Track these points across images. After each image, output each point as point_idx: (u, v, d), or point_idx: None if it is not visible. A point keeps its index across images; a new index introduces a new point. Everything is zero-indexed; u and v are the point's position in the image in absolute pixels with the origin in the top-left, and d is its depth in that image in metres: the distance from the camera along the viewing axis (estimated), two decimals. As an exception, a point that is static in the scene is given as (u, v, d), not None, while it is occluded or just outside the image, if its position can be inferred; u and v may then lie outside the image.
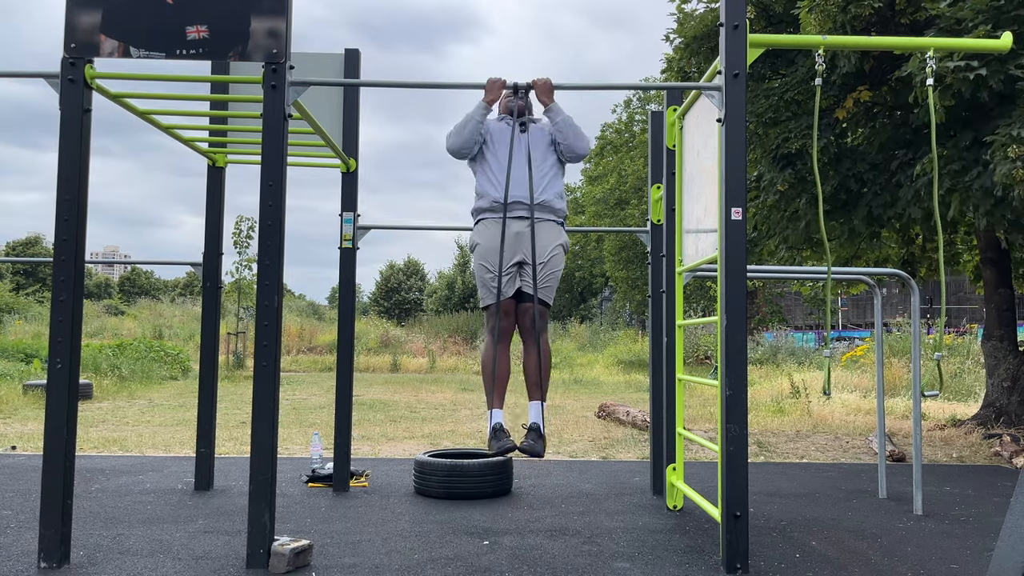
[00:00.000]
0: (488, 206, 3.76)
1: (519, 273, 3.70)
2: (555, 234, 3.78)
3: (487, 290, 3.68)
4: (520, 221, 3.72)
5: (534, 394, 3.66)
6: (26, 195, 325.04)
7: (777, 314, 27.81)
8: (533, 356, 3.67)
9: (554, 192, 3.80)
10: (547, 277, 3.70)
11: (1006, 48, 3.88)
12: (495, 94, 3.82)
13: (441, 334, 27.14)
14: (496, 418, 3.61)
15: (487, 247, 3.70)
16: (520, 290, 3.70)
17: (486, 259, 3.69)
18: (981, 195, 6.57)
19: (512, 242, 3.68)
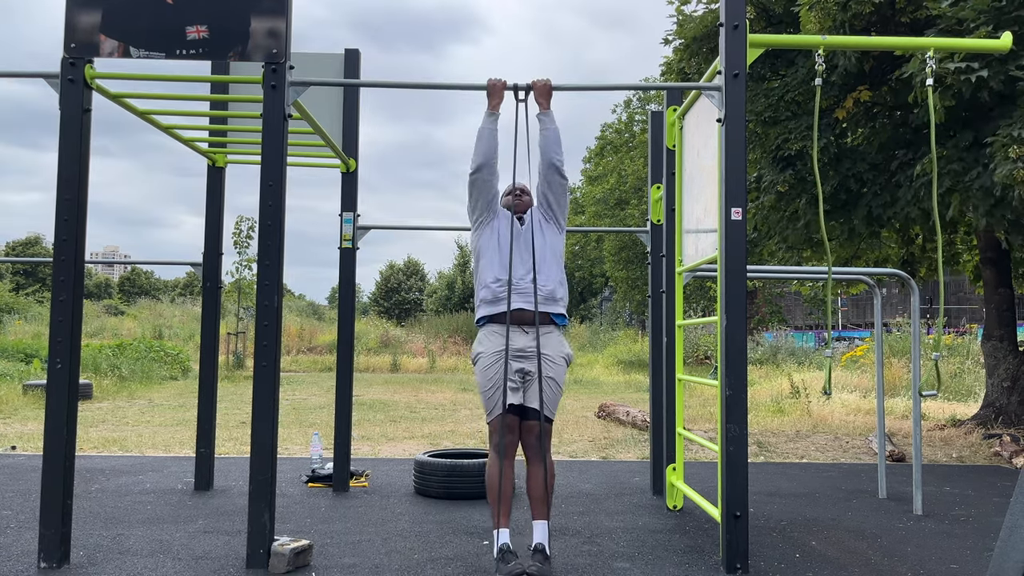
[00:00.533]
0: (491, 298, 3.68)
1: (523, 385, 3.64)
2: (559, 345, 3.72)
3: (491, 404, 3.62)
4: (524, 336, 3.65)
5: (539, 513, 3.59)
6: (26, 195, 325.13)
7: (777, 314, 27.81)
8: (538, 474, 3.59)
9: (556, 280, 3.74)
10: (553, 392, 3.65)
11: (1006, 48, 3.88)
12: (497, 97, 3.79)
13: (441, 334, 27.14)
14: (503, 538, 3.52)
15: (489, 360, 3.64)
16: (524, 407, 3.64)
17: (489, 373, 3.63)
18: (981, 195, 6.57)
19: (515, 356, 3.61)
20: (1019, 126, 5.99)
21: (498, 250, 3.71)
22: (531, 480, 3.62)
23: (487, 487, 3.63)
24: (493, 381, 3.61)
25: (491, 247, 3.74)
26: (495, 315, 3.68)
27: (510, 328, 3.61)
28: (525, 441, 3.65)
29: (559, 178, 3.75)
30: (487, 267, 3.72)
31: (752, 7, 8.51)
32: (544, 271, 3.70)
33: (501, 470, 3.55)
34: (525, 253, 3.70)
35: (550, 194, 3.76)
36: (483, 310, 3.72)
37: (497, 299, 3.66)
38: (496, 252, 3.71)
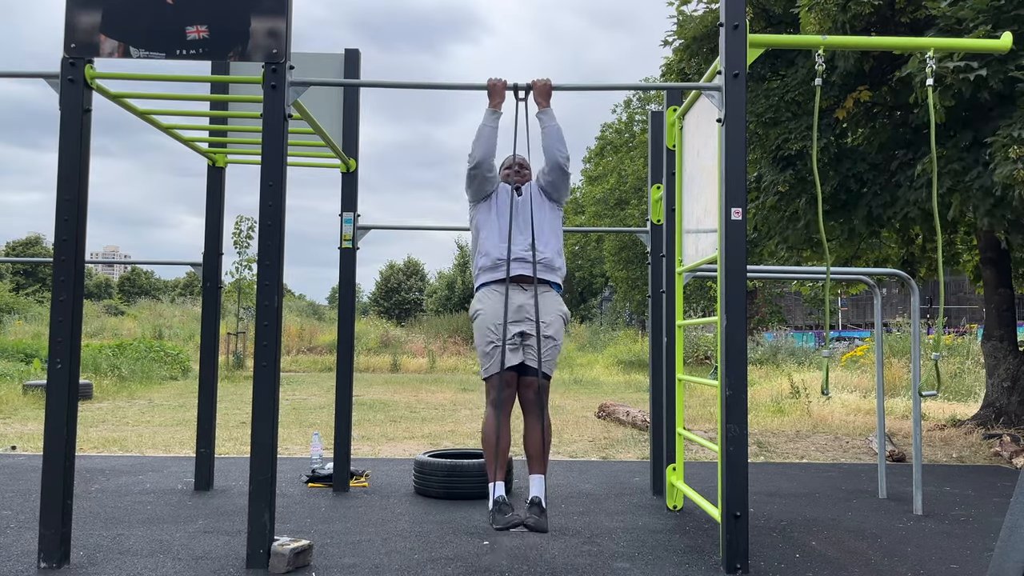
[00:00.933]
0: (490, 265, 3.73)
1: (522, 344, 3.67)
2: (556, 305, 3.76)
3: (489, 361, 3.65)
4: (523, 293, 3.68)
5: (535, 467, 3.63)
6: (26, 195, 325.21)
7: (777, 314, 27.81)
8: (535, 429, 3.63)
9: (554, 250, 3.78)
10: (550, 350, 3.68)
11: (1006, 48, 3.88)
12: (498, 96, 3.81)
13: (441, 334, 27.14)
14: (498, 491, 3.55)
15: (488, 318, 3.67)
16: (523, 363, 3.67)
17: (488, 329, 3.66)
18: (981, 195, 6.57)
19: (514, 313, 3.65)
20: (1019, 126, 5.99)
21: (497, 222, 3.77)
22: (528, 436, 3.66)
23: (483, 442, 3.68)
24: (492, 340, 3.65)
25: (490, 219, 3.81)
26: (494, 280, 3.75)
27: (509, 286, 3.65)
28: (523, 397, 3.69)
29: (561, 176, 3.83)
30: (487, 238, 3.78)
31: (752, 7, 8.51)
32: (542, 240, 3.77)
33: (498, 425, 3.58)
34: (524, 224, 3.75)
35: (551, 187, 3.86)
36: (482, 277, 3.78)
37: (496, 267, 3.72)
38: (495, 223, 3.77)
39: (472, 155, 3.79)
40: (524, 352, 3.67)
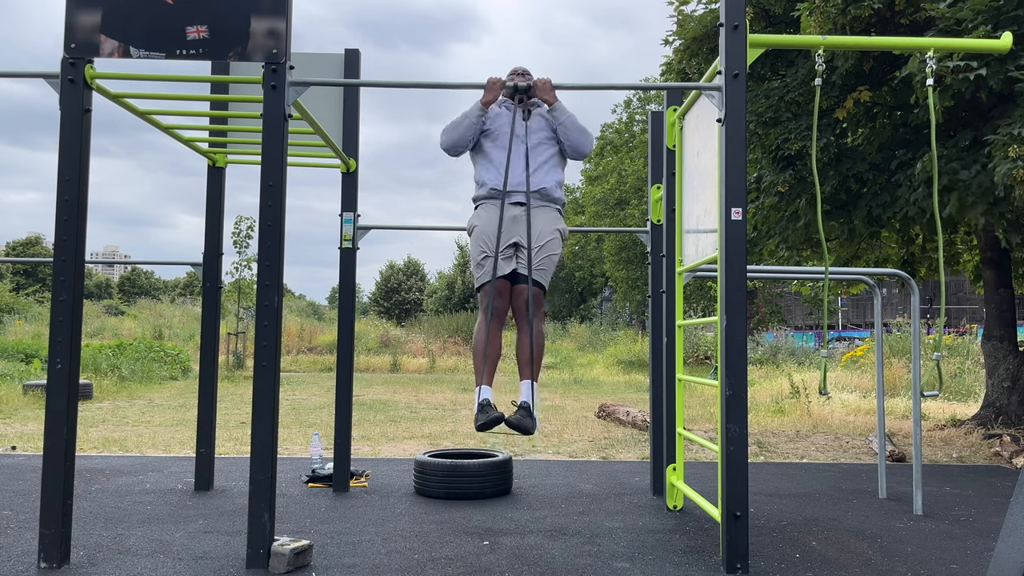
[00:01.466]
0: (487, 194, 3.79)
1: (515, 255, 3.71)
2: (552, 220, 3.81)
3: (482, 269, 3.69)
4: (518, 206, 3.74)
5: (525, 373, 3.67)
6: (24, 195, 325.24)
7: (777, 314, 27.81)
8: (526, 336, 3.68)
9: (553, 181, 3.82)
10: (543, 260, 3.71)
11: (1006, 48, 3.88)
12: (493, 95, 3.82)
13: (441, 334, 27.13)
14: (484, 394, 3.61)
15: (484, 229, 3.73)
16: (515, 272, 3.70)
17: (482, 240, 3.71)
18: (980, 194, 6.57)
19: (509, 225, 3.70)
20: (1019, 125, 5.99)
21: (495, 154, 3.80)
22: (520, 343, 3.69)
23: (473, 348, 3.72)
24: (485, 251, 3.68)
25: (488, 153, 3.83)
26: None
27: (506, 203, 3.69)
28: (515, 305, 3.71)
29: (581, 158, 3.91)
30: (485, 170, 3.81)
31: (752, 7, 8.52)
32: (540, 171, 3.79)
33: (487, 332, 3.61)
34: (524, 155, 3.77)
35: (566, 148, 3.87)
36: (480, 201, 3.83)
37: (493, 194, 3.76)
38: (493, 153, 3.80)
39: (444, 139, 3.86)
40: (517, 261, 3.70)
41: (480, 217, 3.79)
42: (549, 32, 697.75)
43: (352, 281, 5.37)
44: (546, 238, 3.74)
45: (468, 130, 3.82)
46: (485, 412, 3.49)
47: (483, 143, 3.89)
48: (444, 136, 3.89)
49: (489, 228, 3.70)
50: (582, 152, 3.85)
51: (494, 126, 3.88)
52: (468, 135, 3.83)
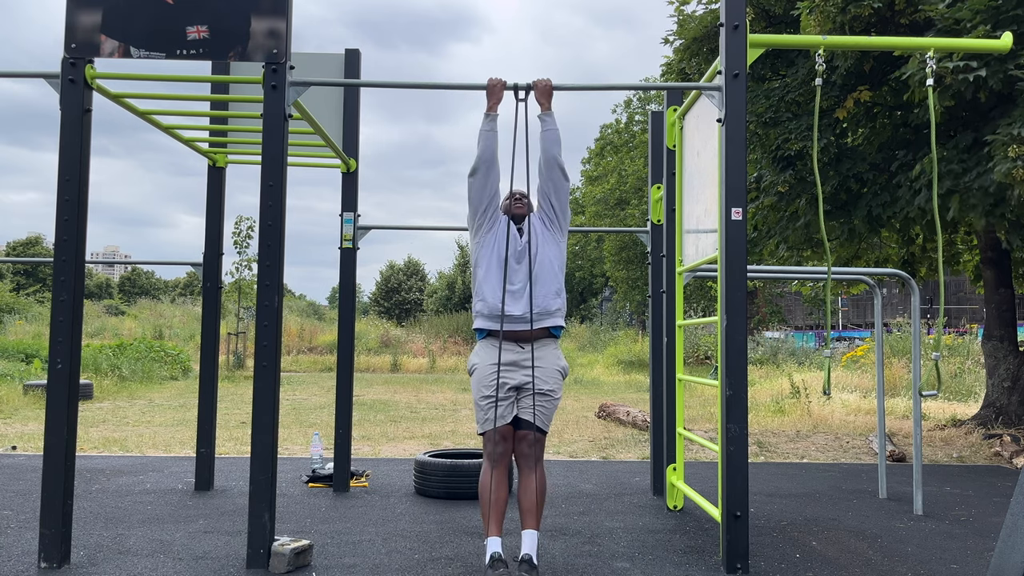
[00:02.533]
0: (487, 312, 3.68)
1: (516, 399, 3.64)
2: (554, 359, 3.71)
3: (484, 416, 3.62)
4: (519, 350, 3.65)
5: (528, 522, 3.58)
6: (23, 194, 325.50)
7: (777, 314, 27.81)
8: (530, 484, 3.59)
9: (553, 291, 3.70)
10: (546, 405, 3.64)
11: (1006, 48, 3.88)
12: (496, 98, 3.77)
13: (441, 334, 27.14)
14: (493, 547, 3.50)
15: (484, 372, 3.64)
16: (518, 417, 3.64)
17: (483, 384, 3.63)
18: (980, 195, 6.57)
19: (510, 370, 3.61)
20: (1019, 125, 5.99)
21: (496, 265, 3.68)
22: (522, 490, 3.62)
23: (480, 495, 3.62)
24: (488, 396, 3.60)
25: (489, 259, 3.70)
26: (493, 331, 3.68)
27: (507, 344, 3.61)
28: (518, 450, 3.64)
29: (561, 176, 3.71)
30: (485, 280, 3.70)
31: (752, 7, 8.52)
32: (541, 284, 3.66)
33: (493, 480, 3.54)
34: (523, 261, 3.67)
35: (552, 194, 3.71)
36: (480, 322, 3.72)
37: (494, 315, 3.65)
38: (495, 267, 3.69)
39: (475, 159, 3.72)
40: (519, 406, 3.64)
41: (480, 356, 3.70)
42: (549, 32, 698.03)
43: (352, 281, 5.38)
44: (549, 384, 3.66)
45: (490, 140, 3.69)
46: (495, 569, 3.41)
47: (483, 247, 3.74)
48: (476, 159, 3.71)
49: (489, 371, 3.63)
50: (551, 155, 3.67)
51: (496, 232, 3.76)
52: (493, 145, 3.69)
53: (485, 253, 3.71)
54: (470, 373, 3.76)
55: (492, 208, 3.73)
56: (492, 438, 3.57)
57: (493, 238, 3.71)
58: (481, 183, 3.68)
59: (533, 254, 3.67)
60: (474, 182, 3.70)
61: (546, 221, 3.74)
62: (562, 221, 3.77)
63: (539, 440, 3.62)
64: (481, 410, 3.63)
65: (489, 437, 3.60)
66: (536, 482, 3.59)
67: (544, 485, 3.65)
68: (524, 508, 3.60)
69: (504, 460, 3.61)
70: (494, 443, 3.57)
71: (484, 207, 3.70)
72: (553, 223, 3.74)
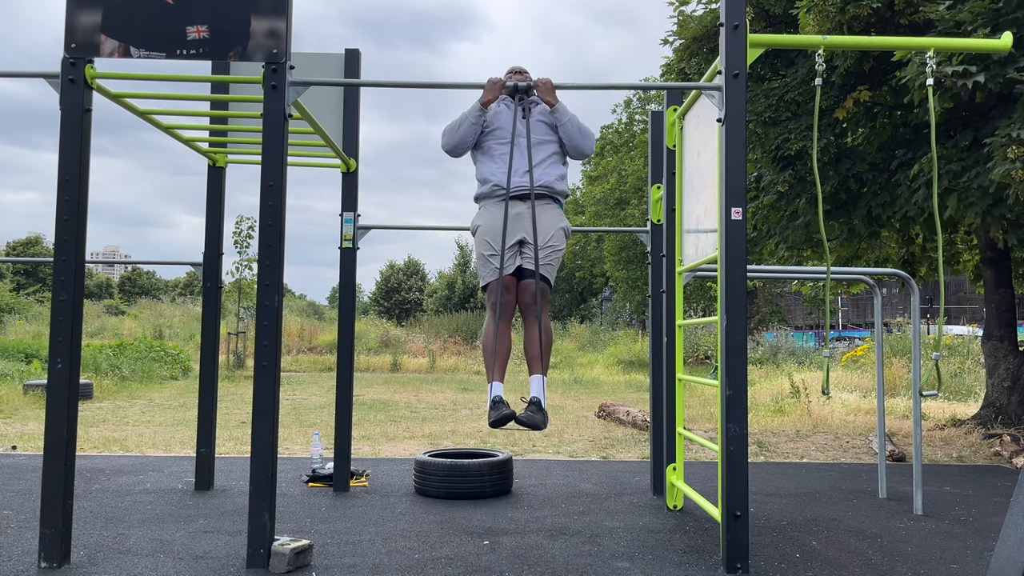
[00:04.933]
0: (489, 192, 3.80)
1: (520, 251, 3.73)
2: (556, 217, 3.82)
3: (488, 268, 3.71)
4: (521, 203, 3.74)
5: (535, 368, 3.69)
6: (22, 194, 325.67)
7: (777, 314, 27.81)
8: (534, 331, 3.70)
9: (555, 175, 3.83)
10: (548, 255, 3.73)
11: (1006, 49, 3.88)
12: (493, 95, 3.82)
13: (441, 334, 27.12)
14: (496, 391, 3.63)
15: (488, 227, 3.75)
16: (521, 267, 3.72)
17: (487, 238, 3.73)
18: (979, 195, 6.57)
19: (513, 222, 3.72)
20: (1018, 127, 5.99)
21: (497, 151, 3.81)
22: (527, 339, 3.71)
23: (483, 346, 3.73)
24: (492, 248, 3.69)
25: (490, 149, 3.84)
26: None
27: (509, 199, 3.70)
28: (522, 301, 3.73)
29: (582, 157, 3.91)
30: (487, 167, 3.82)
31: (752, 7, 8.52)
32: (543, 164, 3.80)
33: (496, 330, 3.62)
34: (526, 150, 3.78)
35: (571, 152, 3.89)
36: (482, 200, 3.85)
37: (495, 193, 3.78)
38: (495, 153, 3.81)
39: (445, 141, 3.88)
40: (522, 257, 3.71)
41: (483, 216, 3.81)
42: (549, 31, 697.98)
43: (352, 281, 5.38)
44: (550, 234, 3.76)
45: (468, 131, 3.83)
46: (497, 408, 3.51)
47: (484, 141, 3.90)
48: (445, 138, 3.91)
49: (493, 226, 3.71)
50: (583, 152, 3.88)
51: (496, 123, 3.91)
52: (469, 136, 3.84)
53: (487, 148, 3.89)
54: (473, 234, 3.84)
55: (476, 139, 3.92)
56: (495, 288, 3.64)
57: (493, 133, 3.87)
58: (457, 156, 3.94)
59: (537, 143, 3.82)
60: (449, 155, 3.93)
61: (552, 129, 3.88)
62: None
63: (543, 290, 3.69)
64: (485, 264, 3.72)
65: (492, 288, 3.68)
66: (541, 331, 3.65)
67: (549, 334, 3.72)
68: (530, 356, 3.70)
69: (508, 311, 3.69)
70: (497, 293, 3.63)
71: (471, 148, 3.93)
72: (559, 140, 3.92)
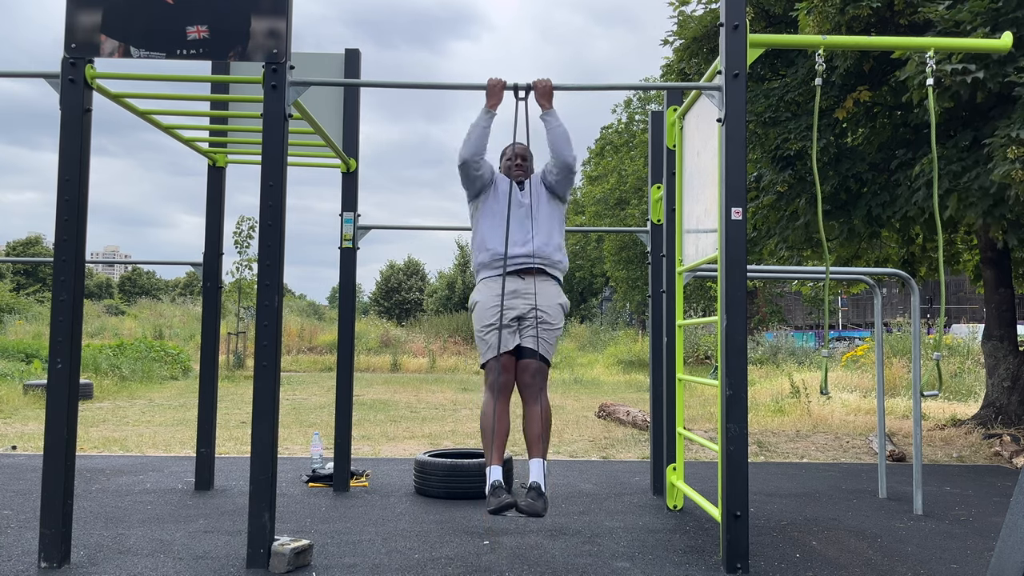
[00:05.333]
0: (488, 261, 3.70)
1: (518, 329, 3.64)
2: (555, 293, 3.73)
3: (486, 345, 3.62)
4: (520, 281, 3.66)
5: (534, 451, 3.57)
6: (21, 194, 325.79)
7: (777, 314, 27.81)
8: (534, 413, 3.58)
9: (554, 244, 3.75)
10: (547, 334, 3.64)
11: (1006, 48, 3.88)
12: (496, 97, 3.79)
13: (441, 334, 27.13)
14: (495, 475, 3.50)
15: (485, 305, 3.66)
16: (519, 346, 3.63)
17: (485, 316, 3.64)
18: (979, 195, 6.57)
19: (511, 299, 3.63)
20: (1018, 127, 6.00)
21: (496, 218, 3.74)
22: (527, 420, 3.62)
23: (481, 427, 3.62)
24: (489, 325, 3.62)
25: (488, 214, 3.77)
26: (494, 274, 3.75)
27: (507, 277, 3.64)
28: (521, 381, 3.64)
29: (570, 173, 3.81)
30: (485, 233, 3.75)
31: (752, 7, 8.52)
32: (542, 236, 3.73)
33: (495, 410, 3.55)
34: (524, 220, 3.72)
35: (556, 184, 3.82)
36: (481, 273, 3.77)
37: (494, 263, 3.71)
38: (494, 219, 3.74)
39: (460, 153, 3.79)
40: (521, 335, 3.64)
41: (482, 292, 3.71)
42: (549, 30, 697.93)
43: (352, 281, 5.38)
44: (550, 312, 3.67)
45: (481, 137, 3.74)
46: (497, 495, 3.37)
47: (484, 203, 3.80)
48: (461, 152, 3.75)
49: (492, 304, 3.64)
50: (563, 160, 3.74)
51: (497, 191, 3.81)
52: (483, 141, 3.75)
53: (485, 210, 3.78)
54: (471, 311, 3.78)
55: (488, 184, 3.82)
56: (494, 368, 3.57)
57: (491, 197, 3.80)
58: (471, 174, 3.78)
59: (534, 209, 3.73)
60: (463, 172, 3.79)
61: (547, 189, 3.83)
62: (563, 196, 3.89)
63: (541, 369, 3.62)
64: (483, 341, 3.64)
65: (491, 367, 3.59)
66: (540, 411, 3.58)
67: (548, 414, 3.63)
68: (530, 438, 3.59)
69: (506, 391, 3.60)
70: (496, 373, 3.56)
71: (479, 188, 3.82)
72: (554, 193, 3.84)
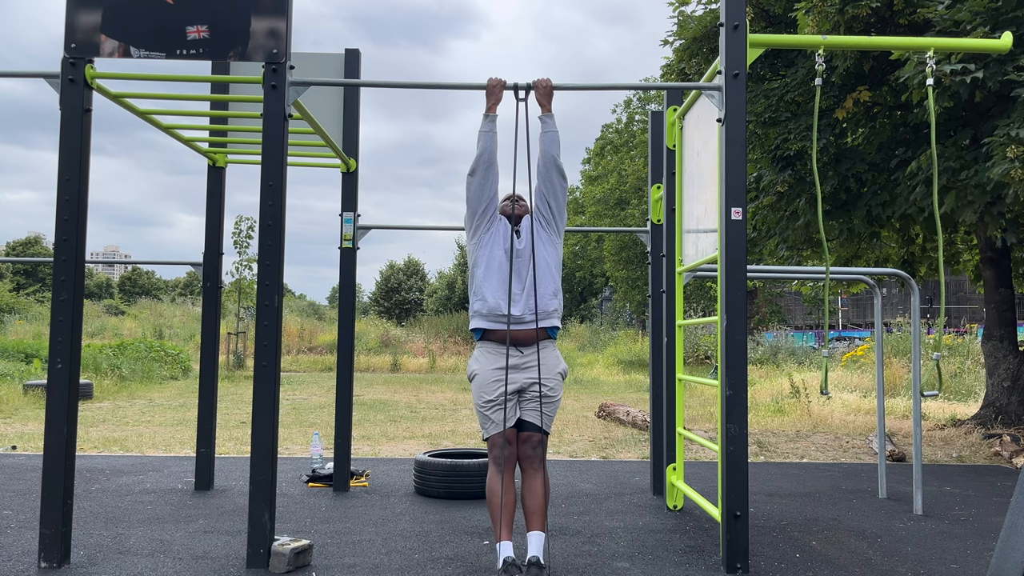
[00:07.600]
0: (486, 312, 3.67)
1: (518, 402, 3.64)
2: (554, 362, 3.72)
3: (489, 421, 3.62)
4: (519, 355, 3.65)
5: (534, 523, 3.56)
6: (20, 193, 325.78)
7: (777, 314, 27.81)
8: (535, 485, 3.57)
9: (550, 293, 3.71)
10: (548, 406, 3.64)
11: (1006, 48, 3.88)
12: (496, 97, 3.77)
13: (441, 334, 27.13)
14: (506, 551, 3.48)
15: (485, 379, 3.64)
16: (520, 419, 3.64)
17: (486, 390, 3.63)
18: (977, 193, 6.58)
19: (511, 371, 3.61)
20: (1017, 126, 6.00)
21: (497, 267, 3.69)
22: (527, 492, 3.61)
23: (489, 502, 3.60)
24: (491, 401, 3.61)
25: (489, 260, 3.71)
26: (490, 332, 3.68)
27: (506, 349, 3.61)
28: (522, 452, 3.64)
29: (559, 177, 3.73)
30: (485, 280, 3.70)
31: (752, 7, 8.53)
32: (540, 285, 3.68)
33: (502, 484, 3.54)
34: (523, 270, 3.69)
35: (550, 197, 3.72)
36: (478, 322, 3.72)
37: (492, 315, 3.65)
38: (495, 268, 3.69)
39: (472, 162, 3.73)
40: (522, 408, 3.64)
41: (480, 362, 3.69)
42: (549, 29, 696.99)
43: (352, 281, 5.38)
44: (551, 385, 3.66)
45: (489, 140, 3.70)
46: (510, 574, 3.39)
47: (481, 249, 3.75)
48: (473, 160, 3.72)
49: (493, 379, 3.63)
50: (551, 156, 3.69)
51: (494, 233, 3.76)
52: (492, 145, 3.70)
53: (484, 254, 3.71)
54: (470, 379, 3.76)
55: (491, 209, 3.73)
56: (498, 442, 3.57)
57: (492, 239, 3.72)
58: (480, 183, 3.69)
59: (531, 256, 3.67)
60: (473, 182, 3.70)
61: (543, 222, 3.74)
62: (559, 222, 3.78)
63: (542, 441, 3.63)
64: (485, 416, 3.63)
65: (495, 441, 3.59)
66: (541, 484, 3.59)
67: (548, 486, 3.65)
68: (530, 510, 3.59)
69: (511, 463, 3.61)
70: (500, 447, 3.56)
71: (483, 208, 3.70)
72: (550, 224, 3.75)
